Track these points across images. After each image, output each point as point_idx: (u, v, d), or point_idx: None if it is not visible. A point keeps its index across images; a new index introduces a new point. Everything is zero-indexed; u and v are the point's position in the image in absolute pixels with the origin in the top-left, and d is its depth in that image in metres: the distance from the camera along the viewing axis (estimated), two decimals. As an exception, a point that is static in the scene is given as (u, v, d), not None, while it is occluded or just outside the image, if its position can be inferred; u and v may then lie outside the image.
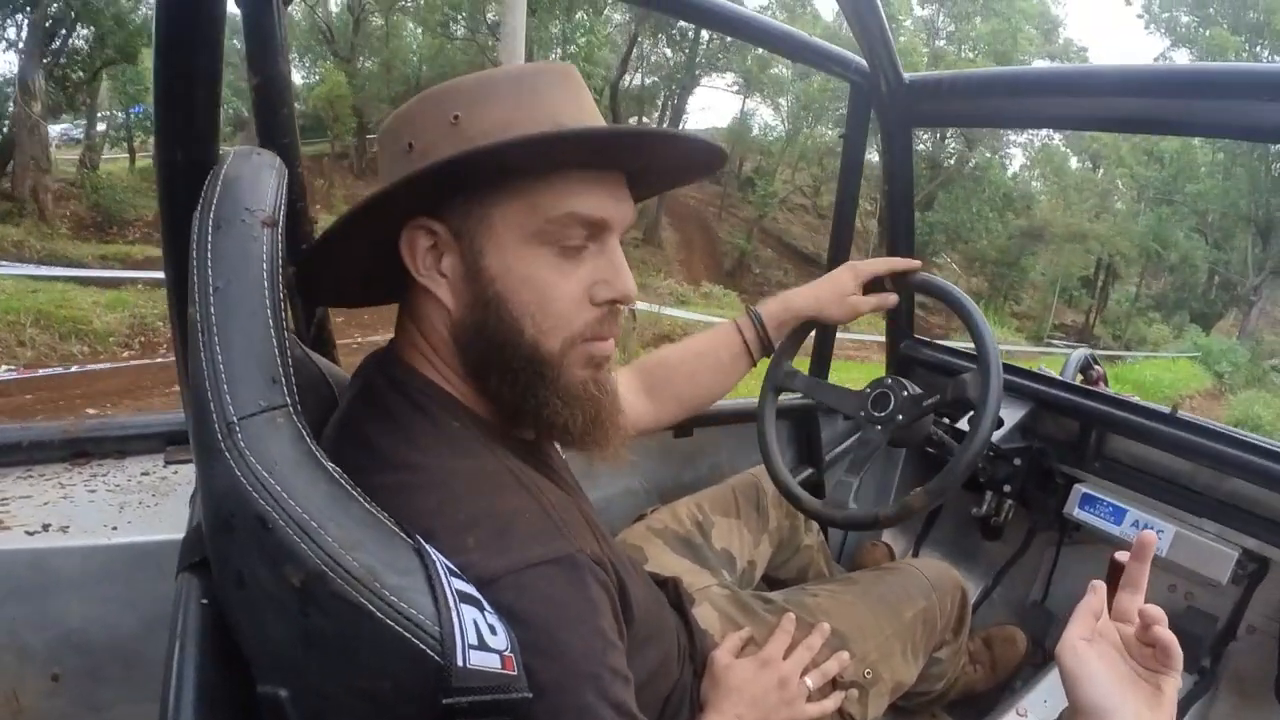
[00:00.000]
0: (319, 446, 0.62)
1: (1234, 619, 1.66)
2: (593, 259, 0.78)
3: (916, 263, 1.35)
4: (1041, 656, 1.81)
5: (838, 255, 1.87)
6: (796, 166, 29.38)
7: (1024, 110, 1.70)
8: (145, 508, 1.06)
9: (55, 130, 21.76)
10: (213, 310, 0.62)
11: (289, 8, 1.08)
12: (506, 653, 0.58)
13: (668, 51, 26.50)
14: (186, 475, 1.15)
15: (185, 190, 0.72)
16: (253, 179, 0.72)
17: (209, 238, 0.65)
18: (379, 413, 0.77)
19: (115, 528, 1.01)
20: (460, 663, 0.54)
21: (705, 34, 25.38)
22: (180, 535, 0.80)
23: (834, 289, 1.34)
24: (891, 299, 1.36)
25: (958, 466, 1.21)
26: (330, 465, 0.60)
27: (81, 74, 15.72)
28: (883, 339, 2.03)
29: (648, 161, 0.81)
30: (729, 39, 25.20)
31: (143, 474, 1.15)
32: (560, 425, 0.79)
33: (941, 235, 25.35)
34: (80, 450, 1.16)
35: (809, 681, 1.13)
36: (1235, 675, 1.65)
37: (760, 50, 24.70)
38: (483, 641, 0.56)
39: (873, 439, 1.33)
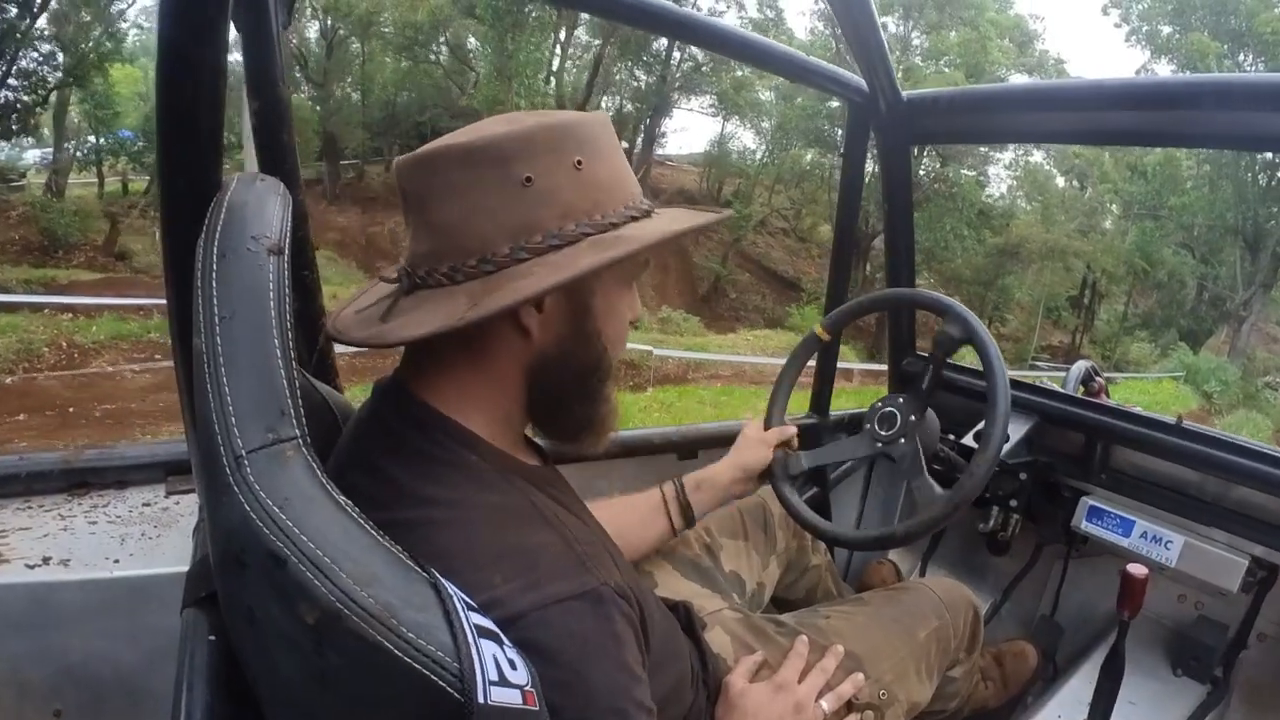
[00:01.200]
0: (329, 479, 0.60)
1: (1245, 627, 1.65)
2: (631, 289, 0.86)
3: (792, 430, 1.42)
4: (1052, 671, 1.79)
5: (839, 275, 1.87)
6: (773, 189, 28.62)
7: (1023, 125, 1.70)
8: (147, 539, 1.05)
9: (37, 154, 21.82)
10: (219, 340, 0.60)
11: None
12: (528, 688, 0.56)
13: (640, 74, 25.83)
14: (189, 506, 1.13)
15: (188, 217, 0.71)
16: (258, 205, 0.70)
17: (214, 266, 0.63)
18: (393, 445, 0.76)
19: (117, 560, 0.99)
20: (482, 699, 0.52)
21: (677, 56, 24.76)
22: (183, 568, 0.78)
23: (745, 444, 1.40)
24: (790, 430, 1.42)
25: (992, 433, 1.20)
26: (342, 498, 0.59)
27: (33, 97, 15.70)
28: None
29: None
30: (702, 62, 24.88)
31: (144, 505, 1.13)
32: (603, 430, 0.86)
33: (916, 256, 24.57)
34: (80, 481, 1.15)
35: (825, 705, 1.11)
36: (1248, 684, 1.64)
37: (738, 73, 24.44)
38: (503, 677, 0.55)
39: (906, 452, 1.33)
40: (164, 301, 0.79)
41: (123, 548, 1.02)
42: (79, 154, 20.01)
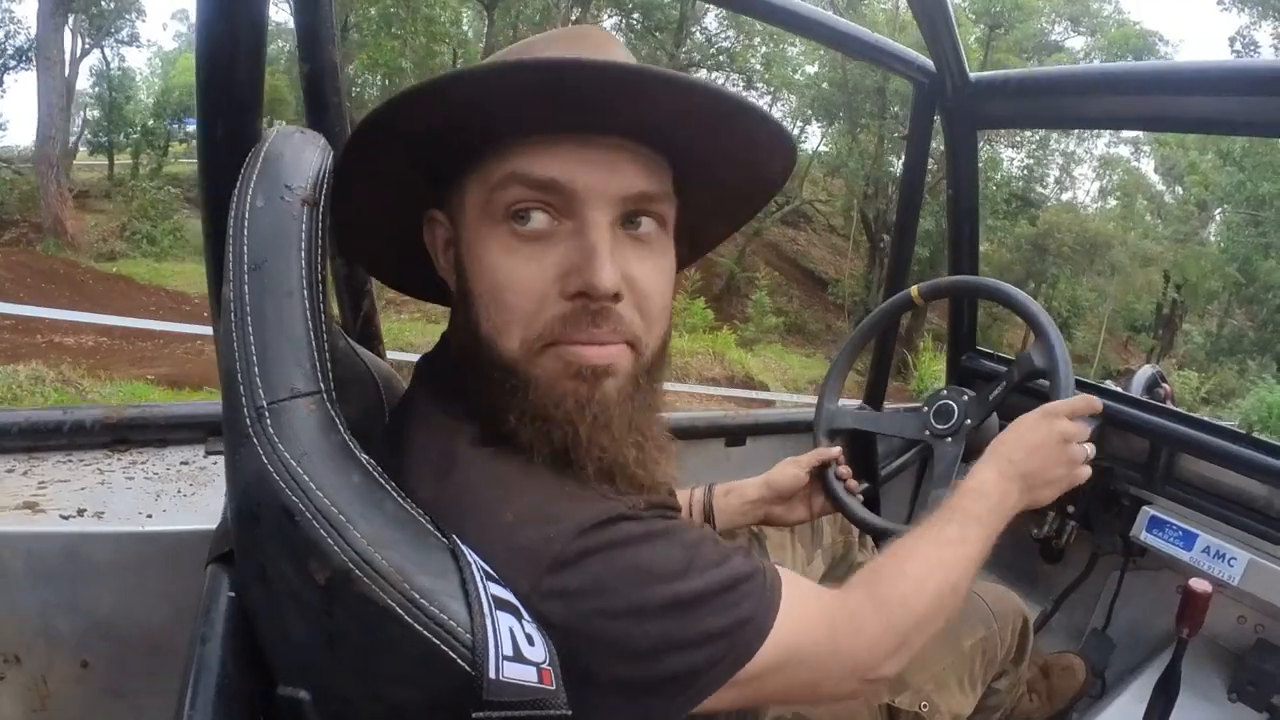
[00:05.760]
0: (353, 438, 0.58)
1: None
2: (565, 241, 0.62)
3: (832, 452, 1.27)
4: (1100, 688, 1.72)
5: (899, 262, 1.81)
6: (806, 176, 24.46)
7: (1097, 110, 1.62)
8: (182, 496, 1.04)
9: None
10: (247, 289, 0.59)
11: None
12: (544, 665, 0.53)
13: (637, 43, 21.50)
14: None
15: (225, 166, 0.70)
16: (295, 157, 0.69)
17: (246, 215, 0.62)
18: (409, 405, 0.73)
19: (150, 515, 0.99)
20: (493, 674, 0.50)
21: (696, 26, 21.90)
22: (214, 525, 0.78)
23: (781, 464, 1.28)
24: (829, 452, 1.28)
25: None
26: (364, 457, 0.57)
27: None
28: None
29: (681, 134, 0.64)
30: (715, 35, 22.04)
31: (182, 463, 1.14)
32: (555, 450, 0.64)
33: (927, 249, 17.02)
34: (121, 437, 1.15)
35: (1090, 449, 1.02)
36: None
37: (787, 49, 22.64)
38: (519, 652, 0.52)
39: (948, 453, 1.26)
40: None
41: (157, 503, 1.02)
42: (87, 135, 20.71)
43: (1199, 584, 1.21)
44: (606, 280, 0.60)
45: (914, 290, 1.38)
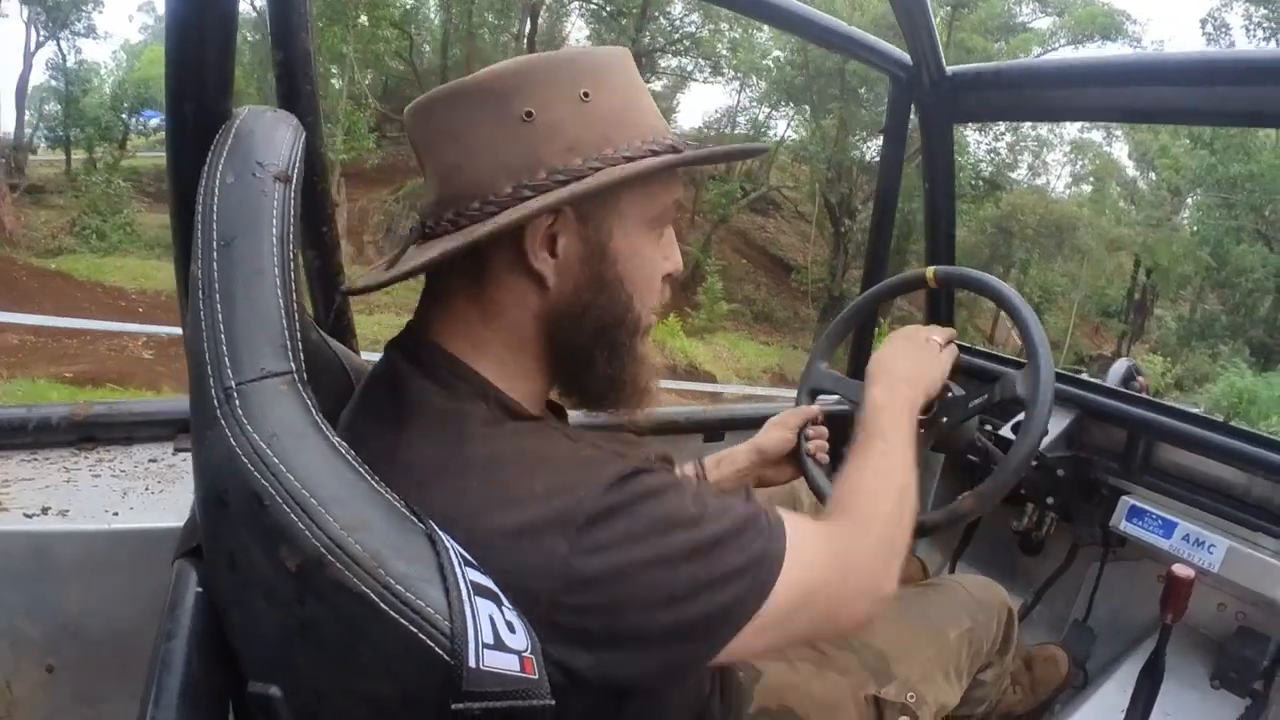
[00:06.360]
0: (326, 422, 0.56)
1: None
2: (662, 237, 0.81)
3: (813, 410, 1.36)
4: (1083, 679, 1.72)
5: (878, 252, 1.81)
6: (773, 163, 24.00)
7: (1071, 102, 1.63)
8: (150, 494, 1.02)
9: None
10: (215, 267, 0.57)
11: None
12: (526, 653, 0.51)
13: (604, 31, 20.94)
14: None
15: (195, 145, 0.68)
16: (266, 134, 0.67)
17: (216, 191, 0.60)
18: (399, 388, 0.71)
19: (117, 513, 0.96)
20: (473, 663, 0.48)
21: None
22: (182, 523, 0.75)
23: (768, 425, 1.35)
24: (810, 410, 1.36)
25: (1010, 466, 1.14)
26: (336, 439, 0.55)
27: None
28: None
29: None
30: (678, 19, 21.15)
31: (150, 460, 1.11)
32: (637, 391, 0.81)
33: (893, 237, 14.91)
34: (87, 435, 1.12)
35: (937, 337, 1.18)
36: None
37: (743, 31, 21.53)
38: (499, 640, 0.50)
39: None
40: None
41: (124, 501, 0.99)
42: (44, 130, 20.34)
43: (1181, 569, 1.21)
44: (681, 263, 0.84)
45: (929, 271, 1.37)
